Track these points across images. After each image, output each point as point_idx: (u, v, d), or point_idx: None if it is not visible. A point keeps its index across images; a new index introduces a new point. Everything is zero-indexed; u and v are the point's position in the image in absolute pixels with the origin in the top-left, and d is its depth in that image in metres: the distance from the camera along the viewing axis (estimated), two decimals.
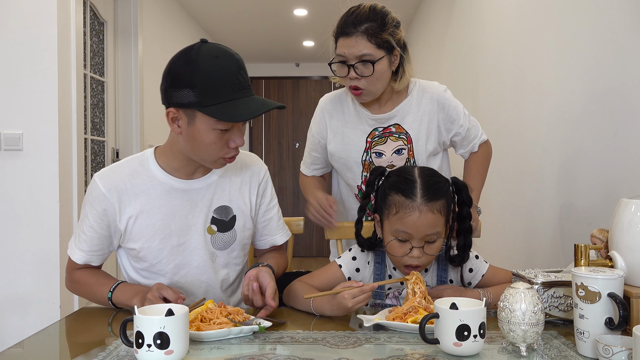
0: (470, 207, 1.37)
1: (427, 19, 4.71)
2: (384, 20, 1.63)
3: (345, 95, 1.83)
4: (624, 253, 1.10)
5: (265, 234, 1.56)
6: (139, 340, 0.97)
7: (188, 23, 5.24)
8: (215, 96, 1.24)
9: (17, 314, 2.71)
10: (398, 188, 1.32)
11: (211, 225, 1.43)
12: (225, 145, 1.31)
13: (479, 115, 3.09)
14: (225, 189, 1.46)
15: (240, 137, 1.32)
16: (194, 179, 1.43)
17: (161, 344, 0.96)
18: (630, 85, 1.54)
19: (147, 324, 0.97)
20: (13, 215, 2.71)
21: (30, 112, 2.71)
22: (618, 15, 1.61)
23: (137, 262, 1.44)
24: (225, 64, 1.26)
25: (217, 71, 1.24)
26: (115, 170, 1.41)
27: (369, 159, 1.77)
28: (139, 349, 0.97)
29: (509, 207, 2.54)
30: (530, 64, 2.30)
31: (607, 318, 1.00)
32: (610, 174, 1.64)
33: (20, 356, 1.10)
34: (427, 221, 1.29)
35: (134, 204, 1.38)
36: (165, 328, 0.96)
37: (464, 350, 1.02)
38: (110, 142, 3.72)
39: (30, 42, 2.70)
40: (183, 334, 0.99)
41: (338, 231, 1.74)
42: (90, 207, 1.39)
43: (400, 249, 1.32)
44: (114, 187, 1.37)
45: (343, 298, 1.23)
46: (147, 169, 1.41)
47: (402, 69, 1.71)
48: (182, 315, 1.00)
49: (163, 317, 0.97)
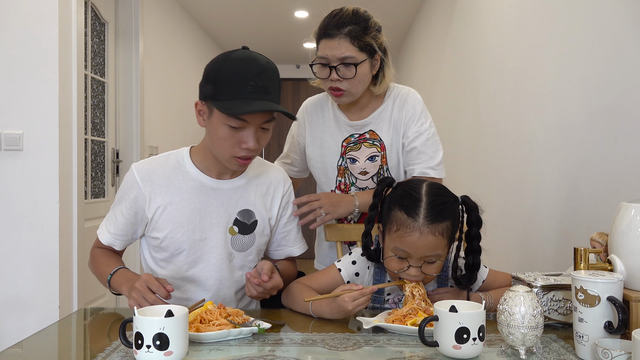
0: (479, 228, 1.32)
1: (427, 22, 4.72)
2: (367, 23, 1.64)
3: (326, 99, 1.84)
4: (623, 257, 1.10)
5: (283, 244, 1.60)
6: (138, 341, 0.97)
7: (189, 24, 5.25)
8: (228, 92, 1.30)
9: (17, 314, 2.70)
10: (402, 204, 1.28)
11: (233, 226, 1.48)
12: (237, 144, 1.35)
13: (479, 118, 3.09)
14: (251, 194, 1.51)
15: (251, 139, 1.34)
16: (224, 180, 1.48)
17: (160, 345, 0.96)
18: (631, 90, 1.54)
19: (147, 325, 0.97)
20: (13, 215, 2.71)
21: (30, 112, 2.71)
22: (618, 19, 1.61)
23: (157, 252, 1.48)
24: (246, 66, 1.31)
25: (235, 71, 1.31)
26: (152, 162, 1.49)
27: (345, 164, 1.78)
28: (138, 350, 0.97)
29: (509, 210, 2.54)
30: (531, 67, 2.30)
31: (607, 322, 1.00)
32: (610, 178, 1.64)
33: (19, 356, 1.10)
34: (427, 243, 1.25)
35: (164, 195, 1.44)
36: (164, 329, 0.97)
37: (463, 353, 1.02)
38: (111, 143, 3.72)
39: (31, 42, 2.71)
40: (182, 335, 0.99)
41: (338, 232, 1.74)
42: (123, 193, 1.47)
43: (397, 265, 1.30)
44: (147, 177, 1.44)
45: (343, 301, 1.23)
46: (182, 164, 1.48)
47: (382, 73, 1.71)
48: (182, 317, 1.00)
49: (162, 319, 0.97)
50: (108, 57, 3.67)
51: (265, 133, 1.38)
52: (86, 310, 1.45)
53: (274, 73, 1.35)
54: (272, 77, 1.34)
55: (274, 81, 1.35)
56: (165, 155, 1.51)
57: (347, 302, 1.23)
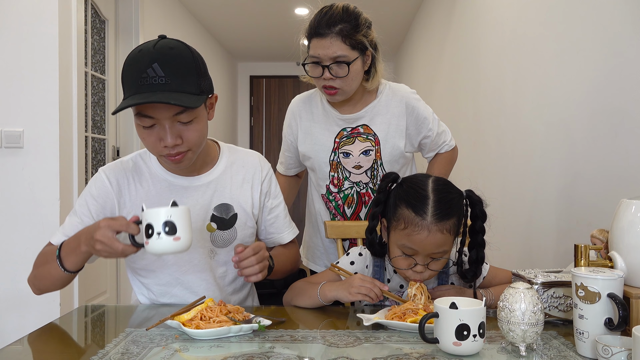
0: (484, 222, 1.32)
1: (427, 20, 4.71)
2: (357, 21, 1.63)
3: (314, 95, 1.84)
4: (624, 253, 1.10)
5: (272, 232, 1.54)
6: (148, 231, 1.09)
7: (189, 21, 5.24)
8: (126, 89, 1.23)
9: (17, 312, 2.71)
10: (409, 202, 1.28)
11: (211, 223, 1.42)
12: (155, 143, 1.26)
13: (479, 115, 3.09)
14: (226, 186, 1.45)
15: (167, 135, 1.23)
16: (193, 176, 1.42)
17: (169, 231, 1.09)
18: (632, 87, 1.53)
19: (155, 215, 1.10)
20: (13, 213, 2.72)
21: (31, 110, 2.71)
22: (618, 16, 1.61)
23: (135, 263, 1.43)
24: (139, 57, 1.21)
25: (130, 64, 1.23)
26: (119, 164, 1.42)
27: (337, 159, 1.78)
28: (149, 239, 1.09)
29: (509, 207, 2.54)
30: (531, 64, 2.30)
31: (607, 318, 1.00)
32: (611, 175, 1.64)
33: (20, 353, 1.10)
34: (435, 241, 1.25)
35: (134, 198, 1.38)
36: (172, 217, 1.09)
37: (464, 350, 1.02)
38: (111, 140, 3.72)
39: (31, 39, 2.70)
40: (188, 224, 1.12)
41: (338, 230, 1.74)
42: (88, 197, 1.37)
43: (404, 263, 1.30)
44: (115, 180, 1.38)
45: (353, 277, 1.30)
46: (148, 165, 1.42)
47: (374, 68, 1.72)
48: (186, 208, 1.14)
49: (169, 208, 1.11)
50: (108, 55, 3.67)
51: (188, 126, 1.25)
52: (87, 307, 1.45)
53: (175, 58, 1.21)
54: (173, 63, 1.20)
55: (177, 68, 1.20)
56: (132, 156, 1.43)
57: (355, 278, 1.28)
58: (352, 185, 1.78)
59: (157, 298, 1.45)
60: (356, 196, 1.79)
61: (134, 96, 1.20)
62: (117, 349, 1.07)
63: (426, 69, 4.82)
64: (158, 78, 1.19)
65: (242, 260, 1.27)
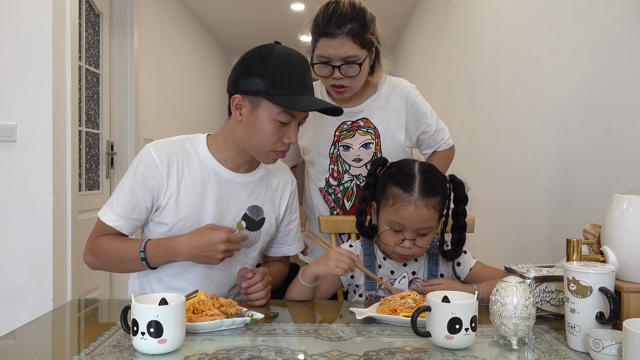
0: (465, 204, 1.42)
1: (424, 16, 4.71)
2: (365, 19, 1.62)
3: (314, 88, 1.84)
4: (615, 248, 1.11)
5: (282, 243, 1.59)
6: (134, 327, 0.99)
7: (184, 16, 5.22)
8: (283, 87, 1.30)
9: (10, 306, 2.70)
10: (397, 181, 1.37)
11: (241, 221, 1.45)
12: (279, 139, 1.35)
13: (474, 111, 3.09)
14: (261, 191, 1.48)
15: (295, 134, 1.35)
16: (238, 173, 1.45)
17: (155, 332, 0.98)
18: (626, 83, 1.54)
19: (142, 312, 0.99)
20: (6, 207, 2.70)
21: (24, 104, 2.69)
22: (614, 14, 1.61)
23: (162, 270, 1.44)
24: (296, 62, 1.34)
25: (288, 66, 1.32)
26: (169, 144, 1.42)
27: (337, 152, 1.78)
28: (134, 337, 1.00)
29: (503, 203, 2.54)
30: (527, 61, 2.30)
31: (598, 312, 1.01)
32: (604, 171, 1.64)
33: (11, 347, 1.09)
34: (421, 215, 1.34)
35: (179, 181, 1.39)
36: (158, 317, 0.98)
37: (456, 344, 1.02)
38: (105, 135, 3.70)
39: (25, 33, 2.68)
40: (178, 324, 1.00)
41: (332, 224, 1.74)
42: (137, 174, 1.37)
43: (392, 238, 1.37)
44: (165, 159, 1.38)
45: (331, 251, 1.34)
46: (197, 151, 1.43)
47: (378, 63, 1.72)
48: (177, 305, 1.01)
49: (157, 306, 0.99)
50: (103, 49, 3.65)
51: (300, 124, 1.39)
52: (80, 301, 1.44)
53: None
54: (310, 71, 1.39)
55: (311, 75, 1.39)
56: (181, 139, 1.44)
57: (332, 252, 1.32)
58: (351, 178, 1.78)
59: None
60: (356, 189, 1.79)
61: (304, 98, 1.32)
62: (109, 342, 1.06)
63: (422, 65, 4.82)
64: (310, 84, 1.36)
65: (250, 287, 1.34)
